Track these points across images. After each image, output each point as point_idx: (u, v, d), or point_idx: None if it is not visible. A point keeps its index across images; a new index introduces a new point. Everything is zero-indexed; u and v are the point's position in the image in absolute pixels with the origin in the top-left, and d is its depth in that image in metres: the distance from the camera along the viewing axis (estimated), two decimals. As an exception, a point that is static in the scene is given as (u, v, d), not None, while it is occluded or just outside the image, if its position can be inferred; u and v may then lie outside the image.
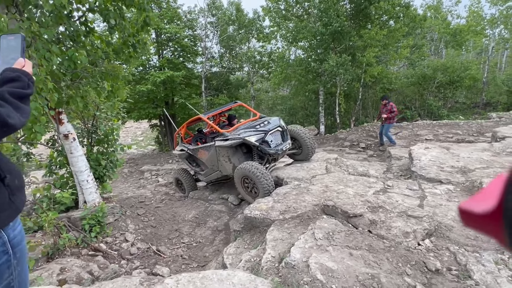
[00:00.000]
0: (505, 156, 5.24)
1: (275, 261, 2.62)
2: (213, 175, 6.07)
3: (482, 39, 24.46)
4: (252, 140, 4.96)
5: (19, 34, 1.01)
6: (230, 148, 5.29)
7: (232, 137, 5.20)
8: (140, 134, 32.49)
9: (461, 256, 2.42)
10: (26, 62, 0.98)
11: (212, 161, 5.81)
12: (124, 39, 4.25)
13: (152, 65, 15.62)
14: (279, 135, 5.39)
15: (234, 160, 5.37)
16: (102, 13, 3.72)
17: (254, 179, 4.61)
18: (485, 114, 13.97)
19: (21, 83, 0.89)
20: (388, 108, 8.69)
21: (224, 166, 5.60)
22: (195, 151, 6.19)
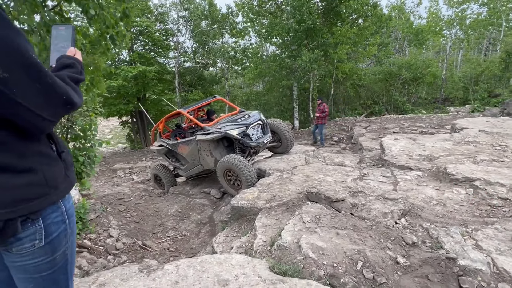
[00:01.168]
0: (464, 145, 5.78)
1: (266, 245, 2.76)
2: (194, 169, 6.05)
3: (441, 39, 26.26)
4: (234, 134, 5.04)
5: (70, 25, 1.05)
6: (211, 142, 5.32)
7: (214, 131, 5.24)
8: (108, 132, 31.14)
9: (432, 230, 2.71)
10: (77, 51, 1.01)
11: (193, 156, 5.80)
12: (102, 30, 4.13)
13: (122, 59, 15.05)
14: (259, 129, 5.52)
15: (216, 154, 5.41)
16: (80, 3, 3.59)
17: (237, 171, 4.69)
18: (444, 109, 15.12)
19: (76, 69, 0.93)
20: (320, 108, 9.27)
21: (205, 160, 5.62)
22: (174, 146, 6.13)
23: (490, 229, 2.66)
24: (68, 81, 0.84)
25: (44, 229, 0.87)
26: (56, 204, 0.91)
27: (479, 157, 4.83)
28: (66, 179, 0.94)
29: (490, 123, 7.86)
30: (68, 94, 0.80)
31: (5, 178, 0.78)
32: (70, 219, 0.96)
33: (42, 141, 0.87)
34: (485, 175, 3.81)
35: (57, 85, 0.79)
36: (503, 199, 3.31)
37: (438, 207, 3.37)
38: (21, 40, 0.73)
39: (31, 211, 0.83)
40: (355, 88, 16.44)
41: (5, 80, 0.69)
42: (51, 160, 0.88)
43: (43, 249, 0.89)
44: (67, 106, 0.82)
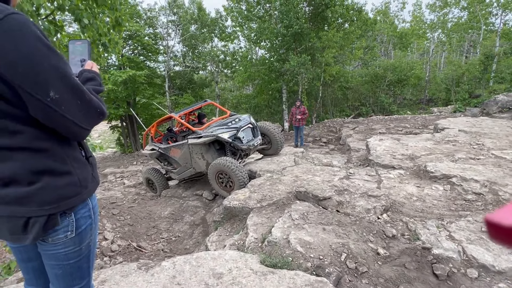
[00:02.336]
0: (444, 144, 6.09)
1: (258, 242, 2.92)
2: (186, 172, 6.17)
3: (424, 42, 27.07)
4: (225, 137, 5.18)
5: (86, 40, 1.19)
6: (203, 145, 5.45)
7: (205, 134, 5.37)
8: (97, 137, 30.78)
9: (411, 224, 2.92)
10: (93, 64, 1.16)
11: (185, 159, 5.91)
12: (94, 38, 4.24)
13: (112, 63, 15.01)
14: (250, 132, 5.67)
15: (208, 156, 5.54)
16: (74, 12, 3.70)
17: (229, 173, 4.83)
18: (428, 109, 15.63)
19: (97, 82, 1.08)
20: (301, 110, 9.56)
21: (197, 163, 5.75)
22: (167, 149, 6.22)
23: (463, 222, 2.89)
24: (94, 93, 1.01)
25: (75, 222, 1.03)
26: (85, 201, 1.06)
27: (457, 155, 5.12)
28: (93, 180, 1.10)
29: (469, 123, 8.24)
30: (100, 106, 0.98)
31: (50, 179, 0.94)
32: (95, 215, 1.12)
33: (75, 148, 1.03)
34: (461, 172, 4.08)
35: (93, 100, 0.96)
36: (477, 194, 3.57)
37: (418, 202, 3.60)
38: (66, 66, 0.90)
39: (68, 207, 0.99)
40: (343, 90, 16.83)
41: (56, 100, 0.86)
42: (82, 164, 1.04)
43: (72, 240, 1.04)
44: (100, 117, 1.00)
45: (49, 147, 0.94)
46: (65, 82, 0.88)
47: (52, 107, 0.86)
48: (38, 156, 0.91)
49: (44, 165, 0.93)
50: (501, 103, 10.98)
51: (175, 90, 17.18)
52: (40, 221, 0.93)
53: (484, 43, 18.69)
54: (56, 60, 0.86)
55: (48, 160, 0.94)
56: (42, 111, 0.86)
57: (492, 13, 20.77)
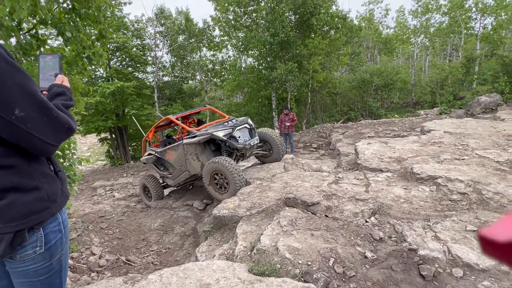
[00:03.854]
0: (430, 146, 6.21)
1: (247, 250, 2.90)
2: (182, 176, 5.96)
3: (409, 47, 27.79)
4: (220, 135, 4.96)
5: (57, 54, 1.19)
6: (198, 145, 5.26)
7: (200, 133, 5.20)
8: (86, 150, 30.32)
9: (398, 226, 2.95)
10: (64, 78, 1.16)
11: (180, 161, 5.72)
12: (78, 51, 4.22)
13: (99, 76, 14.92)
14: (246, 132, 5.41)
15: (203, 158, 5.33)
16: (56, 25, 3.69)
17: (226, 173, 4.59)
18: (415, 112, 15.95)
19: (66, 97, 1.08)
20: (290, 117, 9.69)
21: (192, 165, 5.53)
22: (163, 153, 6.08)
23: (448, 222, 2.94)
24: (62, 108, 1.01)
25: (44, 237, 1.02)
26: (54, 215, 1.05)
27: (443, 156, 5.23)
28: (62, 194, 1.09)
29: (454, 124, 8.44)
30: (69, 122, 0.99)
31: (17, 196, 0.94)
32: (65, 229, 1.11)
33: (43, 163, 1.03)
34: (446, 173, 4.15)
35: (60, 116, 0.97)
36: (462, 194, 3.64)
37: (405, 204, 3.64)
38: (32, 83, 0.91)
39: (36, 222, 0.98)
40: (331, 96, 17.06)
41: (22, 118, 0.87)
42: (50, 179, 1.04)
43: (42, 255, 1.03)
44: (68, 132, 1.00)
45: (15, 164, 0.94)
46: (31, 99, 0.89)
47: (18, 125, 0.86)
48: (4, 173, 0.91)
49: (10, 182, 0.92)
50: (484, 104, 11.29)
51: (164, 100, 17.14)
52: (6, 239, 0.92)
53: (465, 46, 19.29)
54: (22, 78, 0.88)
55: (14, 177, 0.93)
56: (7, 129, 0.87)
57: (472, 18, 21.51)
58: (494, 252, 0.36)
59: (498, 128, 7.33)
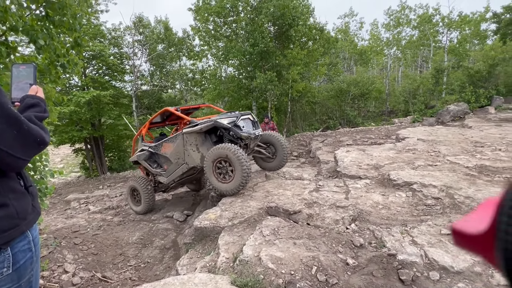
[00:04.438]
0: (405, 153, 6.45)
1: (229, 262, 2.86)
2: (178, 170, 5.54)
3: (383, 58, 29.04)
4: (224, 123, 4.73)
5: (31, 64, 1.13)
6: (199, 135, 4.97)
7: (202, 122, 4.93)
8: (59, 161, 28.96)
9: (377, 232, 3.02)
10: (38, 89, 1.10)
11: (178, 153, 5.37)
12: (51, 59, 4.07)
13: (74, 84, 14.42)
14: (250, 123, 5.16)
15: (203, 149, 5.01)
16: (28, 33, 3.55)
17: (233, 159, 4.30)
18: (390, 120, 16.59)
19: (40, 108, 1.03)
20: (270, 126, 9.83)
21: (191, 157, 5.16)
22: (158, 146, 5.74)
23: (424, 226, 3.05)
24: (35, 120, 0.96)
25: (12, 257, 0.94)
26: (24, 233, 0.98)
27: (417, 163, 5.44)
28: (33, 210, 1.02)
29: (427, 132, 8.84)
30: (41, 135, 0.93)
31: None
32: (36, 247, 1.04)
33: (13, 178, 0.96)
34: (421, 179, 4.32)
35: (31, 129, 0.92)
36: (436, 199, 3.79)
37: (384, 210, 3.74)
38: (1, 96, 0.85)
39: (4, 241, 0.91)
40: (311, 105, 17.41)
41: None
42: (20, 195, 0.97)
43: (10, 277, 0.95)
44: (40, 146, 0.94)
45: None
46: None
47: None
48: None
49: None
50: (453, 113, 11.93)
51: (143, 109, 16.79)
52: None
53: (434, 58, 20.42)
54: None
55: None
56: None
57: (439, 32, 22.88)
58: (465, 243, 0.38)
59: (466, 135, 7.75)
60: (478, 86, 12.55)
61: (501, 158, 5.24)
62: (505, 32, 17.30)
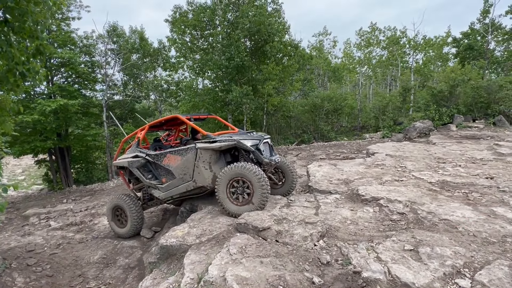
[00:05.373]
0: (374, 168, 6.65)
1: (194, 283, 2.74)
2: (181, 187, 4.96)
3: (355, 75, 30.39)
4: (247, 144, 4.43)
5: None
6: (214, 152, 4.57)
7: (221, 139, 4.53)
8: (20, 173, 27.08)
9: (344, 249, 3.04)
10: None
11: (185, 169, 4.84)
12: (10, 66, 3.83)
13: (40, 92, 13.69)
14: (268, 148, 4.91)
15: (215, 168, 4.60)
16: (-17, 38, 3.33)
17: (252, 179, 4.03)
18: (361, 135, 17.20)
19: None
20: None
21: (202, 175, 4.68)
22: (159, 156, 5.10)
23: (389, 242, 3.10)
24: None
25: None
26: None
27: (384, 178, 5.62)
28: None
29: (395, 148, 9.22)
30: None
31: None
32: None
33: None
34: (387, 194, 4.45)
35: None
36: (400, 214, 3.90)
37: (352, 226, 3.79)
38: None
39: None
40: (286, 119, 17.70)
41: None
42: None
43: None
44: None
45: None
46: None
47: None
48: None
49: None
50: (419, 129, 12.58)
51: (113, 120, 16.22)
52: None
53: (402, 77, 21.65)
54: None
55: None
56: None
57: (406, 53, 24.40)
58: None
59: (430, 151, 8.16)
60: (441, 105, 13.38)
61: (460, 174, 5.55)
62: (464, 56, 18.78)
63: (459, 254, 2.71)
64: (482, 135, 10.51)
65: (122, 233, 5.63)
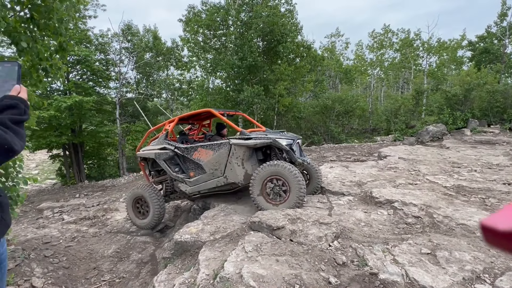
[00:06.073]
0: (387, 171, 6.59)
1: (209, 279, 2.76)
2: (210, 182, 4.90)
3: (366, 77, 30.10)
4: (283, 143, 4.46)
5: (16, 62, 1.06)
6: (248, 149, 4.56)
7: (256, 137, 4.54)
8: (34, 167, 27.73)
9: (360, 250, 3.02)
10: (22, 89, 1.03)
11: (217, 164, 4.79)
12: (33, 62, 3.95)
13: (56, 88, 14.01)
14: (298, 148, 4.89)
15: (247, 165, 4.61)
16: (10, 34, 3.44)
17: (289, 178, 4.06)
18: (372, 138, 17.02)
19: (18, 110, 0.96)
20: None
21: (234, 171, 4.66)
22: (190, 150, 5.00)
23: (405, 245, 3.07)
24: (9, 124, 0.89)
25: None
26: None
27: (398, 181, 5.56)
28: (1, 222, 0.94)
29: (407, 151, 9.10)
30: (8, 143, 0.85)
31: None
32: (2, 264, 0.95)
33: None
34: (401, 197, 4.40)
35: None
36: (416, 217, 3.86)
37: (366, 228, 3.76)
38: None
39: None
40: (296, 120, 17.65)
41: None
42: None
43: None
44: (9, 154, 0.87)
45: None
46: None
47: None
48: None
49: None
50: (432, 133, 12.40)
51: (127, 117, 16.47)
52: None
53: (415, 80, 21.35)
54: None
55: None
56: None
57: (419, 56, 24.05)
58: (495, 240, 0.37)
59: (444, 155, 8.03)
60: (455, 109, 13.15)
61: (476, 179, 5.44)
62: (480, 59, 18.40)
63: (479, 259, 2.67)
64: (498, 140, 10.28)
65: (142, 224, 5.57)
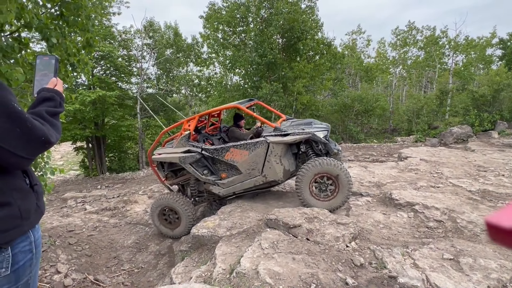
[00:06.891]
0: (408, 172, 6.40)
1: (226, 273, 2.80)
2: (248, 182, 4.64)
3: (388, 76, 29.28)
4: (321, 136, 4.30)
5: (53, 56, 1.13)
6: (284, 145, 4.40)
7: (294, 132, 4.34)
8: (59, 158, 28.95)
9: (378, 252, 2.97)
10: (58, 82, 1.09)
11: (253, 164, 4.54)
12: (62, 57, 4.11)
13: (81, 83, 14.54)
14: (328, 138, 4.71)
15: (284, 161, 4.46)
16: (42, 31, 3.59)
17: (340, 174, 3.98)
18: (393, 138, 16.58)
19: (54, 102, 1.01)
20: None
21: (274, 169, 4.45)
22: (220, 151, 4.63)
23: (426, 249, 2.99)
24: (46, 116, 0.94)
25: (12, 257, 0.91)
26: (26, 234, 0.95)
27: (419, 183, 5.40)
28: (37, 210, 1.00)
29: (429, 153, 8.80)
30: (45, 134, 0.90)
31: None
32: (37, 249, 1.00)
33: (18, 176, 0.94)
34: (423, 200, 4.27)
35: (36, 128, 0.88)
36: (438, 221, 3.74)
37: (385, 230, 3.69)
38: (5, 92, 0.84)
39: (5, 241, 0.88)
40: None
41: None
42: (25, 193, 0.95)
43: (7, 278, 0.92)
44: (45, 145, 0.91)
45: None
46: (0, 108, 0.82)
47: None
48: None
49: None
50: (456, 135, 11.92)
51: (147, 112, 16.87)
52: None
53: (439, 80, 20.56)
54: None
55: None
56: None
57: (445, 54, 23.11)
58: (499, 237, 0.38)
59: (469, 158, 7.71)
60: (482, 110, 12.57)
61: (504, 184, 5.20)
62: (511, 58, 17.46)
63: (505, 268, 2.56)
64: (529, 144, 9.75)
65: (174, 234, 5.05)
